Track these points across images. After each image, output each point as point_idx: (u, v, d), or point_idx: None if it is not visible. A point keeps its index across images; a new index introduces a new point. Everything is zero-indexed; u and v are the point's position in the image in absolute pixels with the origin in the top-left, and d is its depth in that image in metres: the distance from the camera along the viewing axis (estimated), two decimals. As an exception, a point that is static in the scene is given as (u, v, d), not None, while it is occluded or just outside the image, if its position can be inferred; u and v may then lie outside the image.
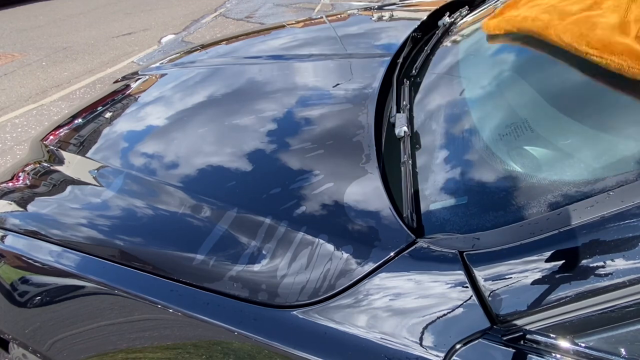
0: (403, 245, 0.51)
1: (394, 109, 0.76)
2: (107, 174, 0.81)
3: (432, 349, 0.43)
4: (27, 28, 5.79)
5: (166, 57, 1.44)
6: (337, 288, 0.50)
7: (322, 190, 0.62)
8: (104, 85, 3.46)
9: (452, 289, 0.45)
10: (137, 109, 1.06)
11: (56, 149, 0.98)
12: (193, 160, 0.77)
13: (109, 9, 6.53)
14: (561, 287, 0.40)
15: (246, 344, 0.51)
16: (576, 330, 0.40)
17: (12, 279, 0.73)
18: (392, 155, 0.66)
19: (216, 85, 1.04)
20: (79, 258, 0.66)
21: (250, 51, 1.25)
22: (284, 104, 0.87)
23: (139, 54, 4.30)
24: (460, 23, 1.05)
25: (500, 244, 0.45)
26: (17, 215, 0.81)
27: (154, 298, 0.57)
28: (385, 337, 0.46)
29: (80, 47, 4.72)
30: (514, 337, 0.41)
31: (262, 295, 0.53)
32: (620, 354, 0.38)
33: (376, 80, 0.85)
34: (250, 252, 0.57)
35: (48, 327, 0.68)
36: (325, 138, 0.73)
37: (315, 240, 0.55)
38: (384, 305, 0.48)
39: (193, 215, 0.65)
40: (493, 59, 0.79)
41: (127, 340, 0.61)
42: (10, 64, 4.34)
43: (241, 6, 5.91)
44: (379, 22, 1.30)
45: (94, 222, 0.71)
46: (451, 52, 0.92)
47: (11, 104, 3.37)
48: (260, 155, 0.73)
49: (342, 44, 1.13)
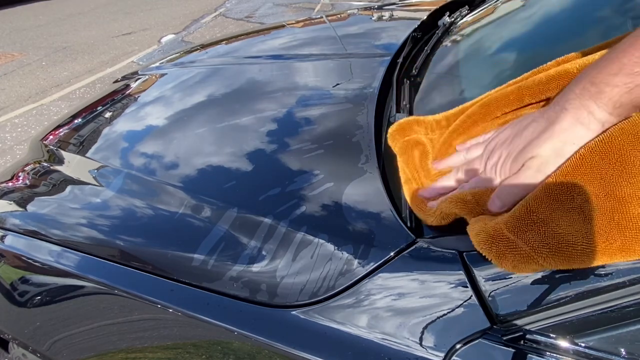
0: (403, 245, 0.51)
1: (394, 109, 0.76)
2: (107, 174, 0.81)
3: (432, 348, 0.44)
4: (27, 27, 5.79)
5: (166, 57, 1.44)
6: (337, 288, 0.50)
7: (322, 190, 0.62)
8: (103, 85, 3.46)
9: (452, 289, 0.45)
10: (137, 109, 1.06)
11: (56, 149, 0.98)
12: (193, 160, 0.77)
13: (108, 8, 6.53)
14: (561, 287, 0.40)
15: (246, 344, 0.51)
16: (576, 330, 0.40)
17: (12, 279, 0.73)
18: (392, 155, 0.66)
19: (216, 85, 1.04)
20: (79, 258, 0.66)
21: (250, 51, 1.25)
22: (283, 104, 0.87)
23: (138, 54, 4.30)
24: (460, 23, 1.05)
25: (500, 244, 0.45)
26: (17, 215, 0.81)
27: (154, 298, 0.57)
28: (385, 336, 0.46)
29: (80, 46, 4.72)
30: (514, 337, 0.41)
31: (262, 295, 0.53)
32: (620, 354, 0.38)
33: (376, 80, 0.85)
34: (250, 252, 0.57)
35: (48, 327, 0.68)
36: (325, 138, 0.73)
37: (315, 240, 0.55)
38: (383, 305, 0.48)
39: (193, 215, 0.65)
40: (493, 57, 0.79)
41: (127, 340, 0.61)
42: (10, 64, 4.34)
43: (241, 6, 5.91)
44: (379, 22, 1.30)
45: (94, 222, 0.71)
46: (451, 51, 0.92)
47: (11, 103, 3.37)
48: (259, 155, 0.73)
49: (342, 43, 1.13)
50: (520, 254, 0.40)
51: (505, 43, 0.82)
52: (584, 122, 0.40)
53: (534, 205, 0.40)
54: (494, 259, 0.41)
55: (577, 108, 0.40)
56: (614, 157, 0.38)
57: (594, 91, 0.39)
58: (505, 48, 0.80)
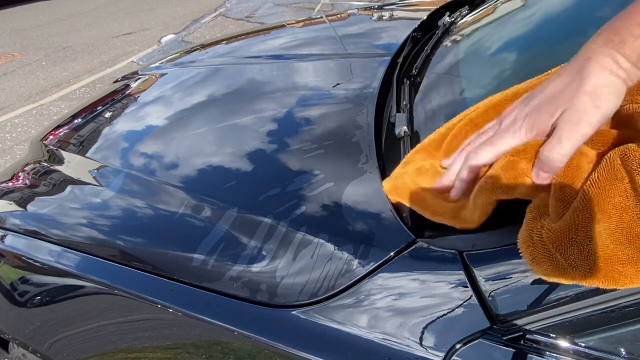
0: (403, 245, 0.51)
1: (394, 109, 0.76)
2: (107, 174, 0.81)
3: (432, 348, 0.44)
4: (27, 28, 5.79)
5: (166, 57, 1.44)
6: (337, 288, 0.50)
7: (322, 190, 0.62)
8: (103, 85, 3.46)
9: (452, 289, 0.45)
10: (137, 109, 1.06)
11: (56, 149, 0.98)
12: (193, 160, 0.77)
13: (108, 8, 6.53)
14: (561, 287, 0.40)
15: (246, 344, 0.51)
16: (576, 330, 0.40)
17: (12, 278, 0.73)
18: (392, 155, 0.66)
19: (216, 85, 1.04)
20: (79, 258, 0.66)
21: (250, 51, 1.25)
22: (283, 104, 0.87)
23: (138, 54, 4.30)
24: (460, 23, 1.05)
25: (500, 244, 0.45)
26: (17, 215, 0.81)
27: (154, 298, 0.57)
28: (385, 336, 0.46)
29: (80, 46, 4.72)
30: (514, 337, 0.41)
31: (262, 295, 0.53)
32: (620, 354, 0.38)
33: (376, 80, 0.85)
34: (250, 252, 0.57)
35: (48, 327, 0.68)
36: (325, 138, 0.73)
37: (315, 240, 0.55)
38: (384, 305, 0.48)
39: (193, 215, 0.65)
40: (493, 57, 0.79)
41: (127, 340, 0.61)
42: (10, 64, 4.34)
43: (241, 6, 5.91)
44: (379, 22, 1.30)
45: (94, 222, 0.71)
46: (451, 51, 0.92)
47: (11, 103, 3.37)
48: (260, 155, 0.73)
49: (342, 43, 1.13)
50: (556, 266, 0.38)
51: (505, 43, 0.82)
52: (611, 68, 0.38)
53: (579, 221, 0.38)
54: (528, 261, 0.40)
55: (602, 56, 0.38)
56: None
57: (618, 41, 0.38)
58: (505, 48, 0.80)
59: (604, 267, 0.36)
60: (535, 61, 0.60)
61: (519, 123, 0.44)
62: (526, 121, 0.43)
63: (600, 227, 0.37)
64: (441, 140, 0.57)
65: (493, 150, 0.46)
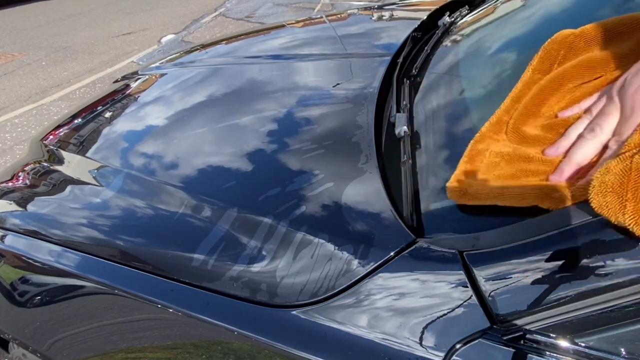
0: (403, 245, 0.51)
1: (394, 109, 0.76)
2: (107, 174, 0.81)
3: (432, 348, 0.44)
4: (27, 28, 5.79)
5: (166, 57, 1.44)
6: (337, 288, 0.50)
7: (322, 190, 0.62)
8: (103, 85, 3.46)
9: (452, 289, 0.45)
10: (137, 109, 1.06)
11: (56, 149, 0.98)
12: (193, 160, 0.77)
13: (108, 8, 6.53)
14: (561, 287, 0.40)
15: (246, 344, 0.51)
16: (576, 330, 0.40)
17: (12, 279, 0.73)
18: (392, 155, 0.66)
19: (216, 85, 1.04)
20: (79, 258, 0.66)
21: (250, 51, 1.25)
22: (283, 104, 0.87)
23: (138, 54, 4.30)
24: (460, 23, 1.05)
25: (500, 244, 0.45)
26: (17, 215, 0.81)
27: (154, 298, 0.57)
28: (385, 336, 0.46)
29: (80, 46, 4.72)
30: (514, 337, 0.41)
31: (262, 295, 0.53)
32: (620, 353, 0.38)
33: (376, 79, 0.85)
34: (250, 252, 0.57)
35: (48, 327, 0.68)
36: (325, 138, 0.73)
37: (315, 240, 0.55)
38: (384, 305, 0.48)
39: (193, 215, 0.65)
40: (493, 57, 0.79)
41: (127, 340, 0.61)
42: (10, 64, 4.34)
43: (241, 6, 5.91)
44: (379, 22, 1.30)
45: (94, 222, 0.71)
46: (451, 51, 0.92)
47: (11, 103, 3.37)
48: (260, 155, 0.73)
49: (342, 43, 1.13)
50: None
51: (506, 43, 0.82)
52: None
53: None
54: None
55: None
56: None
57: None
58: (505, 48, 0.80)
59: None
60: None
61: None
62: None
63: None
64: (502, 123, 0.58)
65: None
